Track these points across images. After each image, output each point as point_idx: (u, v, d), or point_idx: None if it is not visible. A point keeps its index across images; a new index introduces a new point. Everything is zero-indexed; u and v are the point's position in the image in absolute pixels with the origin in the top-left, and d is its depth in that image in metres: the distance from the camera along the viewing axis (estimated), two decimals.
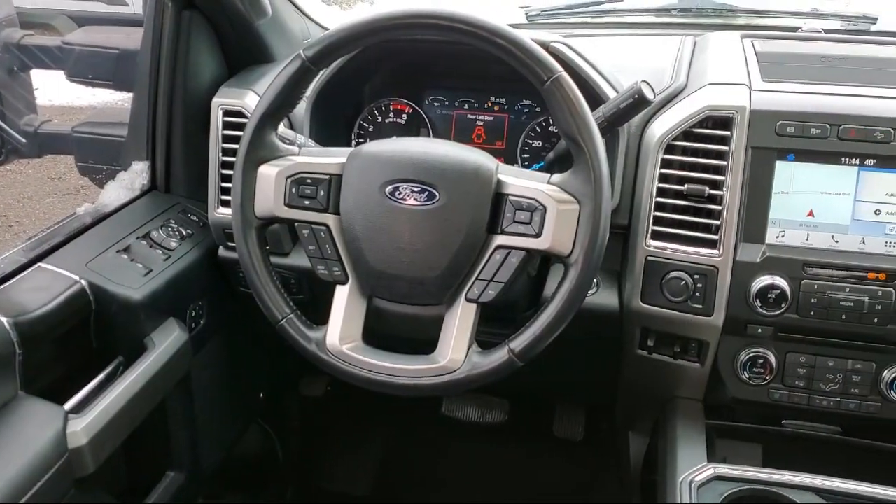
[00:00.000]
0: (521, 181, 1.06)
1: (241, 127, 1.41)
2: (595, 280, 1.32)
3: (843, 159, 1.17)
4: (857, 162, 1.17)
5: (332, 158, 1.12)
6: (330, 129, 1.45)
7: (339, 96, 1.44)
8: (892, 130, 1.15)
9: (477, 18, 1.02)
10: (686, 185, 1.22)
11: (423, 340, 1.10)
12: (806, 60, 1.40)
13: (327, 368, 1.11)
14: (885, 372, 1.21)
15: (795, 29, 1.66)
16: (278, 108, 1.12)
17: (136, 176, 1.57)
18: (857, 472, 1.17)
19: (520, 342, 1.05)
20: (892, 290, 1.15)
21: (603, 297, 1.32)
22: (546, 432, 2.05)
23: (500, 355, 1.05)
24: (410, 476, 2.18)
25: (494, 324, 1.15)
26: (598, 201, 1.01)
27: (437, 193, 1.05)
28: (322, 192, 1.11)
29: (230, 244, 1.47)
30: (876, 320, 1.16)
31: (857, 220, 1.18)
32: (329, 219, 1.11)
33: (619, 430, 1.67)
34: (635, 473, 1.60)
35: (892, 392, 1.21)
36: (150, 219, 1.49)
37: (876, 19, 1.71)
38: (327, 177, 1.11)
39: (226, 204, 1.45)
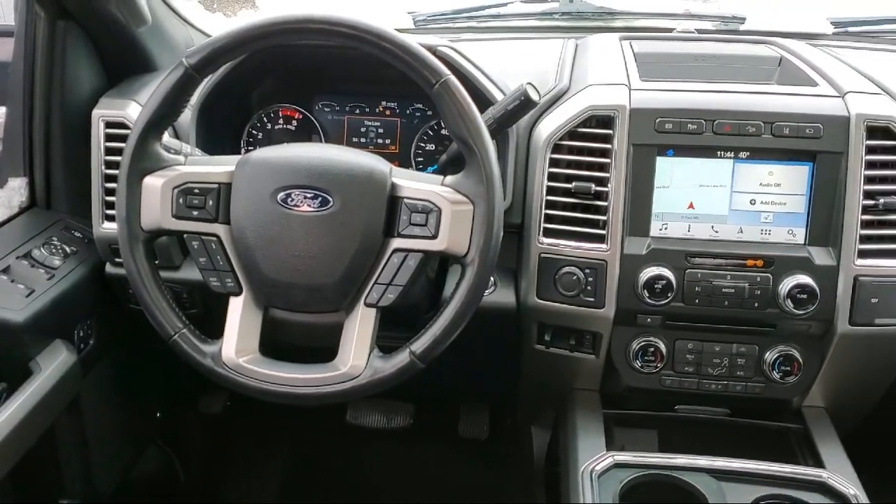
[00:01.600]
0: (415, 184, 1.06)
1: (123, 139, 1.35)
2: (492, 279, 1.34)
3: (718, 153, 1.23)
4: (732, 155, 1.23)
5: (220, 167, 1.10)
6: (218, 138, 1.42)
7: (225, 104, 1.42)
8: (762, 124, 1.21)
9: (363, 23, 1.02)
10: (574, 183, 1.25)
11: (323, 348, 1.09)
12: (681, 60, 1.47)
13: (225, 383, 1.09)
14: (767, 354, 1.28)
15: (670, 30, 1.74)
16: (162, 118, 1.09)
17: (13, 193, 1.49)
18: (746, 451, 1.23)
19: (420, 344, 1.05)
20: (769, 275, 1.22)
21: (500, 295, 1.35)
22: (451, 433, 2.06)
23: (401, 358, 1.06)
24: (317, 487, 2.15)
25: (396, 328, 1.15)
26: (490, 201, 1.03)
27: (330, 199, 1.04)
28: (211, 202, 1.08)
29: (117, 260, 1.42)
30: (756, 305, 1.23)
31: (734, 211, 1.24)
32: (219, 229, 1.08)
33: (522, 425, 1.70)
34: (539, 467, 1.63)
35: (774, 373, 1.28)
36: (31, 237, 1.42)
37: (744, 19, 1.80)
38: (216, 186, 1.08)
39: (111, 218, 1.39)
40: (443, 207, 1.04)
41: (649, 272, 1.23)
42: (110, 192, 1.39)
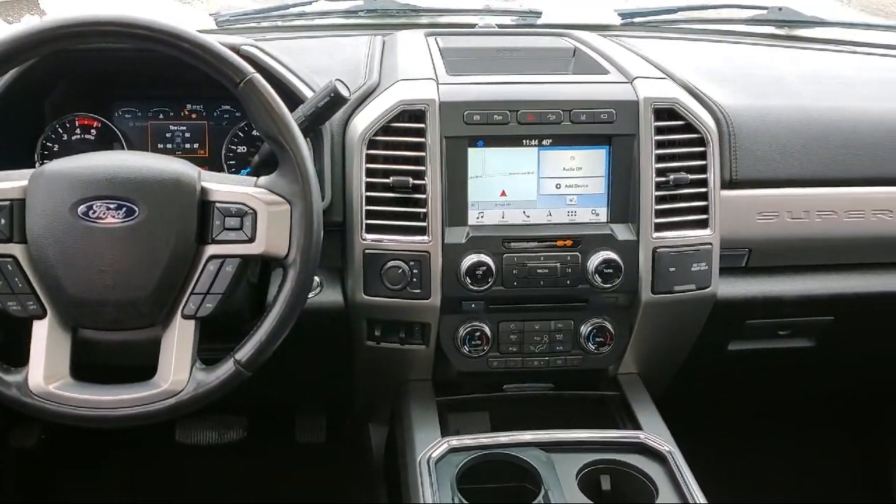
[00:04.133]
0: (226, 187, 1.03)
1: None
2: (318, 280, 1.33)
3: (524, 141, 1.29)
4: (537, 143, 1.29)
5: (10, 182, 1.01)
6: (8, 151, 1.31)
7: (13, 115, 1.31)
8: (561, 112, 1.28)
9: (158, 23, 0.98)
10: (392, 178, 1.26)
11: (142, 367, 1.04)
12: (484, 53, 1.52)
13: (35, 413, 1.01)
14: (583, 327, 1.35)
15: (473, 25, 1.80)
16: None
17: None
18: (571, 421, 1.30)
19: (245, 351, 1.03)
20: (578, 254, 1.29)
21: (327, 295, 1.34)
22: (289, 440, 2.03)
23: (225, 368, 1.03)
24: None
25: (221, 338, 1.11)
26: (308, 200, 1.02)
27: (136, 208, 0.99)
28: (3, 221, 1.00)
29: None
30: (569, 282, 1.29)
31: (542, 195, 1.30)
32: (15, 249, 1.00)
33: (360, 423, 1.70)
34: (379, 463, 1.64)
35: (589, 344, 1.35)
36: None
37: (541, 13, 1.89)
38: (8, 203, 1.00)
39: None
40: (258, 209, 1.02)
41: (470, 260, 1.27)
42: None
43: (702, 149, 1.31)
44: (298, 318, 1.06)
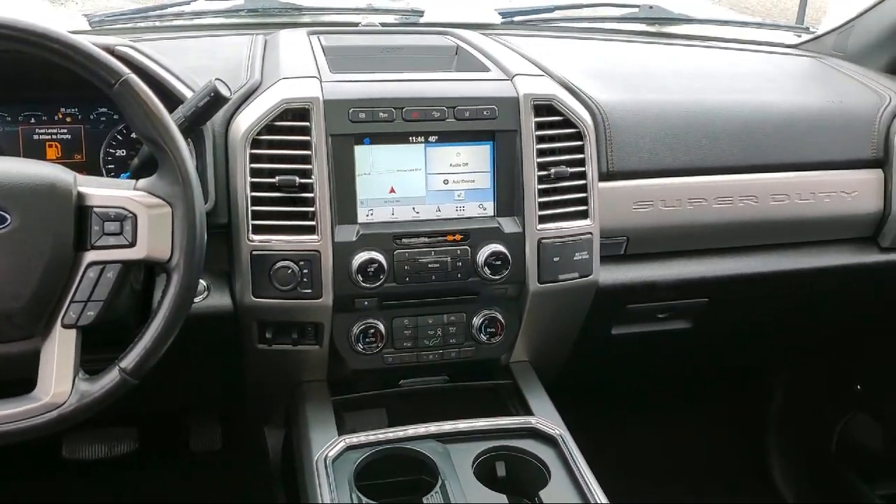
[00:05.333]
0: (105, 191, 1.01)
1: None
2: (205, 284, 1.31)
3: (410, 138, 1.30)
4: (423, 139, 1.31)
5: None
6: None
7: None
8: (446, 109, 1.30)
9: (23, 22, 0.94)
10: (278, 178, 1.26)
11: (19, 380, 1.00)
12: (368, 52, 1.53)
13: None
14: (475, 319, 1.38)
15: (356, 24, 1.80)
16: None
17: None
18: (466, 412, 1.32)
19: (130, 359, 1.00)
20: (467, 247, 1.31)
21: (215, 299, 1.31)
22: (183, 450, 1.98)
23: (110, 377, 1.00)
24: None
25: (106, 348, 1.08)
26: (189, 201, 1.00)
27: (7, 216, 0.95)
28: None
29: None
30: (459, 276, 1.32)
31: (431, 191, 1.32)
32: None
33: (256, 427, 1.68)
34: (276, 466, 1.63)
35: (481, 335, 1.38)
36: None
37: (423, 12, 1.92)
38: None
39: None
40: (138, 213, 0.99)
41: (361, 257, 1.27)
42: None
43: (579, 143, 1.36)
44: (186, 322, 1.04)
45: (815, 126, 1.55)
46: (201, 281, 1.26)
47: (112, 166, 1.40)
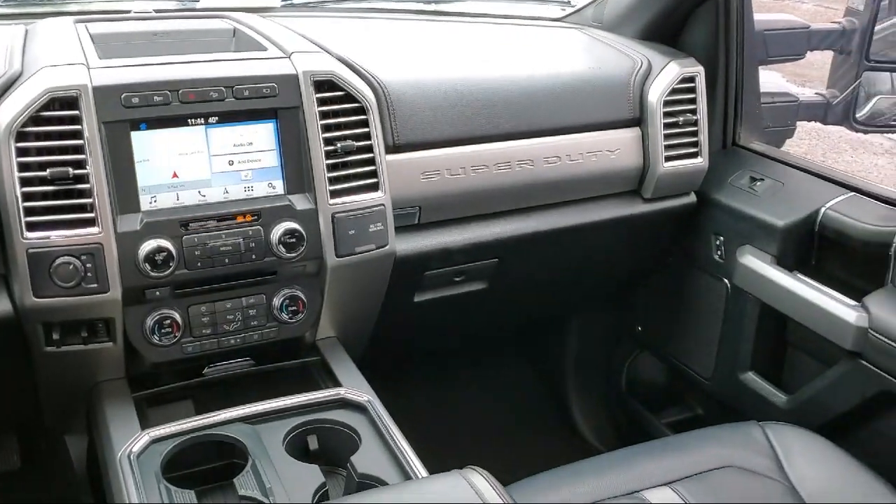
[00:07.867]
0: None
1: None
2: None
3: (189, 121, 1.28)
4: (203, 121, 1.29)
5: None
6: None
7: None
8: (224, 89, 1.29)
9: None
10: (49, 170, 1.20)
11: None
12: (140, 38, 1.48)
13: None
14: (275, 299, 1.39)
15: (127, 11, 1.73)
16: None
17: None
18: (276, 393, 1.33)
19: None
20: (260, 227, 1.31)
21: None
22: None
23: None
24: None
25: None
26: None
27: None
28: None
29: None
30: (254, 257, 1.32)
31: (216, 174, 1.31)
32: None
33: (56, 438, 1.59)
34: (82, 474, 1.55)
35: (283, 315, 1.39)
36: None
37: None
38: None
39: None
40: None
41: (147, 246, 1.24)
42: None
43: (363, 117, 1.39)
44: None
45: (580, 91, 1.68)
46: None
47: None
